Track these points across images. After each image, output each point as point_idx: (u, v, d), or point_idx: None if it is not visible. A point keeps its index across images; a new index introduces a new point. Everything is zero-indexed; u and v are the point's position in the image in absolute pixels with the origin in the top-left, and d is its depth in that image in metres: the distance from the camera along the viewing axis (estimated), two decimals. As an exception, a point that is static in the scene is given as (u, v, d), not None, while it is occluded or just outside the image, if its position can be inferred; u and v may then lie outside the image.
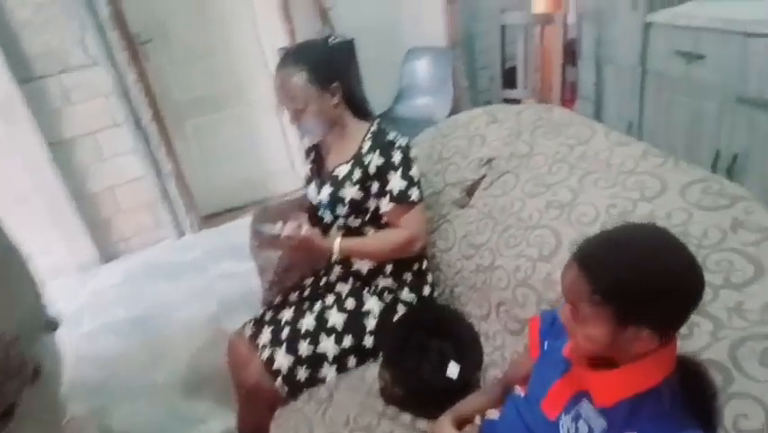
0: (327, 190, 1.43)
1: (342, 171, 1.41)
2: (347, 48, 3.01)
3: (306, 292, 1.58)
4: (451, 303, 1.48)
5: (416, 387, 1.30)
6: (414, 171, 1.39)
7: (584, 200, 1.21)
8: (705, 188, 1.05)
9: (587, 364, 0.84)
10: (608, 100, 2.60)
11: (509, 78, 2.85)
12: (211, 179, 3.37)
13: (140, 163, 2.96)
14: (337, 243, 1.39)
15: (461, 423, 1.10)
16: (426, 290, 1.50)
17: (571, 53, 2.78)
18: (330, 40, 1.42)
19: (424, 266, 1.51)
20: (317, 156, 1.54)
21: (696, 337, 0.87)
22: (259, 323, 1.52)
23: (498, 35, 2.72)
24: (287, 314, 1.48)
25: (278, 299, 1.59)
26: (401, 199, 1.37)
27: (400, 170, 1.37)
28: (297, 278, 1.68)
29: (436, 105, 2.99)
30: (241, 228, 3.25)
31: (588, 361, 0.84)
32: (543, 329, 1.01)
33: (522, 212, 1.31)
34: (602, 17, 2.46)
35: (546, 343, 0.99)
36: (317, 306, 1.47)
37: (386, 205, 1.38)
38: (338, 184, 1.41)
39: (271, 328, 1.45)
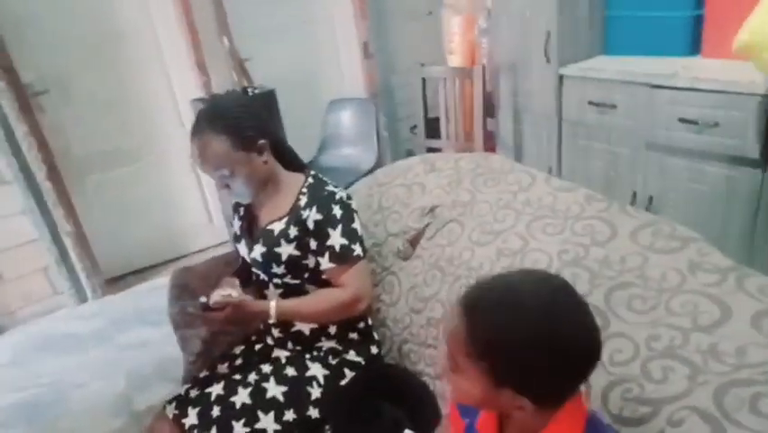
0: (260, 249, 1.31)
1: (276, 228, 1.31)
2: (268, 98, 2.93)
3: (238, 362, 1.42)
4: (400, 362, 1.39)
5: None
6: (356, 225, 1.31)
7: (535, 247, 1.18)
8: (655, 231, 1.06)
9: None
10: (528, 147, 2.71)
11: (432, 128, 2.90)
12: (116, 238, 3.09)
13: (32, 224, 2.65)
14: (273, 306, 1.26)
15: None
16: (374, 350, 1.40)
17: (489, 105, 2.89)
18: (249, 90, 1.33)
19: (369, 323, 1.41)
20: (247, 211, 1.42)
21: (672, 383, 0.84)
22: (183, 401, 1.33)
23: (420, 87, 2.77)
24: (216, 389, 1.31)
25: (203, 373, 1.42)
26: (343, 257, 1.28)
27: (340, 225, 1.28)
28: (226, 345, 1.51)
29: (361, 155, 2.97)
30: (152, 290, 2.99)
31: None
32: (462, 411, 0.93)
33: (471, 261, 1.26)
34: (517, 70, 2.58)
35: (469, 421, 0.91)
36: (252, 377, 1.31)
37: (326, 263, 1.28)
38: (272, 241, 1.30)
39: (199, 408, 1.27)
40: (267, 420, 1.24)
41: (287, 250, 1.29)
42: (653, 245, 1.04)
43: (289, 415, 1.25)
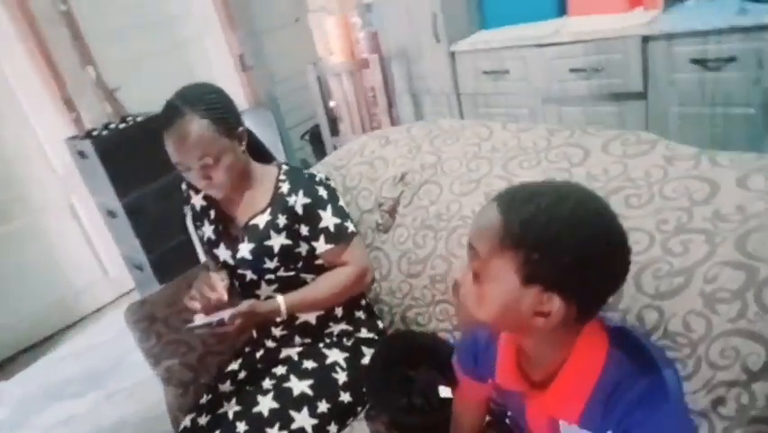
0: (248, 246, 1.25)
1: (261, 221, 1.25)
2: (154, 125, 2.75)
3: (241, 376, 1.33)
4: (407, 329, 1.40)
5: (419, 423, 1.18)
6: (341, 202, 1.31)
7: (520, 181, 1.27)
8: (624, 141, 1.21)
9: (529, 387, 0.80)
10: (430, 128, 2.85)
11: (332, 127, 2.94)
12: (-5, 316, 2.69)
13: None
14: (282, 301, 1.22)
15: None
16: (381, 325, 1.40)
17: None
18: (129, 120, 1.26)
19: (368, 300, 1.41)
20: (217, 213, 1.34)
21: (694, 251, 0.96)
22: (193, 432, 1.22)
23: (316, 87, 2.79)
24: (230, 407, 1.22)
25: (204, 398, 1.31)
26: (339, 236, 1.27)
27: (330, 205, 1.27)
28: (215, 366, 1.41)
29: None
30: (59, 361, 2.64)
31: (526, 379, 0.80)
32: (467, 367, 0.95)
33: (462, 210, 1.32)
34: (409, 55, 2.72)
35: (479, 367, 0.93)
36: (267, 383, 1.24)
37: (322, 246, 1.26)
38: (260, 235, 1.25)
39: (219, 431, 1.18)
40: (302, 418, 1.18)
41: (278, 241, 1.24)
42: (627, 152, 1.18)
43: (323, 406, 1.21)
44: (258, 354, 1.36)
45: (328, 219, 1.26)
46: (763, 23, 1.77)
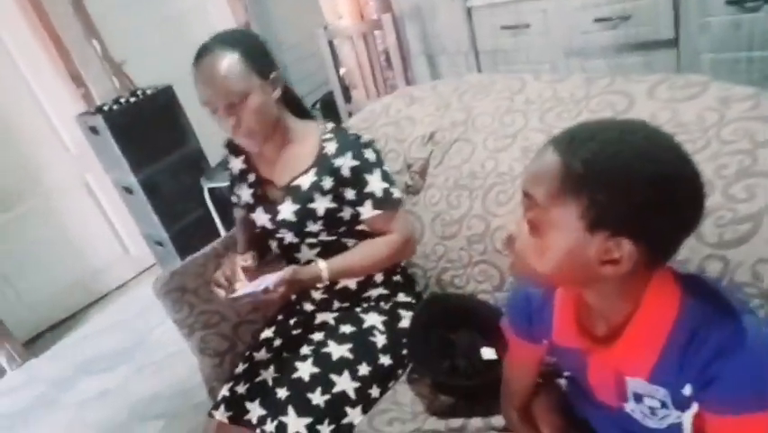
0: (292, 207, 1.19)
1: (305, 182, 1.19)
2: (167, 97, 2.68)
3: (277, 343, 1.30)
4: (444, 292, 1.36)
5: (464, 385, 1.14)
6: (387, 167, 1.24)
7: (561, 134, 1.20)
8: (671, 85, 1.13)
9: (591, 343, 0.74)
10: (447, 89, 2.76)
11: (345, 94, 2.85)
12: (19, 297, 2.69)
13: None
14: (324, 267, 1.16)
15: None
16: (418, 288, 1.36)
17: (390, 59, 2.89)
18: (138, 93, 1.21)
19: (405, 264, 1.36)
20: (257, 177, 1.28)
21: (761, 195, 0.90)
22: (232, 401, 1.19)
23: (328, 52, 2.69)
24: (268, 374, 1.19)
25: (240, 368, 1.28)
26: (387, 202, 1.19)
27: (378, 169, 1.20)
28: (250, 335, 1.38)
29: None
30: (85, 339, 2.64)
31: (588, 335, 0.75)
32: (520, 327, 0.89)
33: (499, 167, 1.26)
34: (423, 14, 2.60)
35: (533, 327, 0.86)
36: (306, 349, 1.21)
37: (369, 211, 1.19)
38: (305, 197, 1.19)
39: (259, 399, 1.15)
40: (344, 381, 1.15)
41: (323, 204, 1.19)
42: (675, 96, 1.11)
43: (364, 369, 1.17)
44: (292, 321, 1.33)
45: (375, 184, 1.19)
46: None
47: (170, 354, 2.34)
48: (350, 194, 1.19)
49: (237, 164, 1.33)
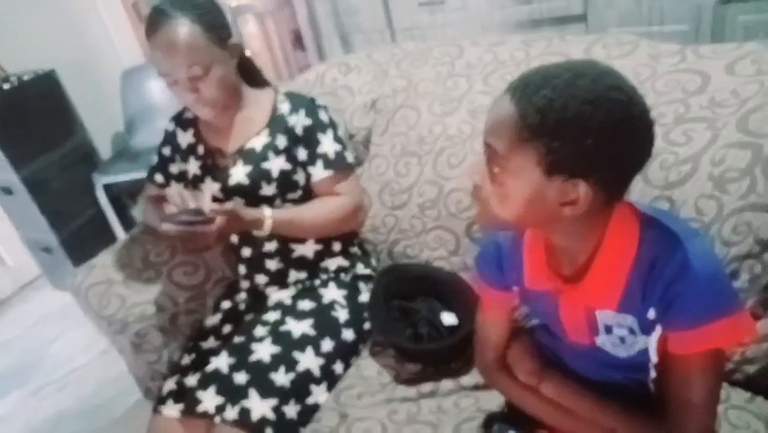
0: (243, 170, 1.18)
1: (258, 143, 1.19)
2: (48, 83, 2.46)
3: (226, 330, 1.26)
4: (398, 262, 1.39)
5: (429, 349, 1.18)
6: (342, 132, 1.27)
7: (506, 95, 1.28)
8: (605, 45, 1.25)
9: (560, 281, 0.81)
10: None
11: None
12: None
13: None
14: (269, 215, 1.15)
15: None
16: (374, 261, 1.38)
17: (299, 38, 2.88)
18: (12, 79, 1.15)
19: (362, 237, 1.39)
20: (207, 149, 1.25)
21: (697, 138, 1.02)
22: (181, 393, 1.15)
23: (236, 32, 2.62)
24: (221, 361, 1.15)
25: (187, 359, 1.23)
26: (339, 164, 1.22)
27: (331, 130, 1.23)
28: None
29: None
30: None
31: (557, 276, 0.81)
32: (491, 277, 0.94)
33: (448, 130, 1.31)
34: (335, -10, 2.62)
35: (504, 275, 0.92)
36: (260, 331, 1.19)
37: (321, 172, 1.21)
38: (258, 157, 1.19)
39: (215, 386, 1.11)
40: (307, 358, 1.14)
41: (277, 164, 1.19)
42: (611, 54, 1.22)
43: (327, 345, 1.18)
44: (242, 306, 1.29)
45: (328, 144, 1.22)
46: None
47: (72, 369, 2.17)
48: (302, 154, 1.20)
49: (186, 138, 1.30)
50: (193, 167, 1.26)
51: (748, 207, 0.95)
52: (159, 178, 1.35)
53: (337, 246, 1.31)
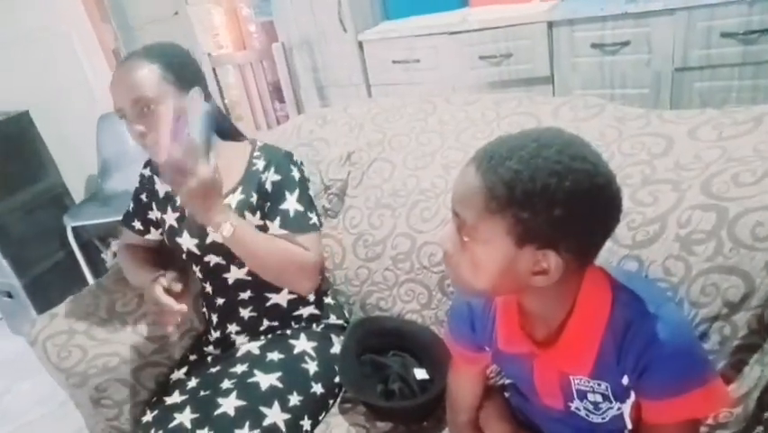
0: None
1: (233, 200, 1.16)
2: (21, 124, 2.40)
3: (190, 385, 1.19)
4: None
5: (401, 407, 1.13)
6: (312, 192, 1.25)
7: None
8: (573, 106, 1.27)
9: (534, 345, 0.79)
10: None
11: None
12: None
13: None
14: (234, 218, 1.08)
15: None
16: (346, 313, 1.34)
17: (277, 90, 2.89)
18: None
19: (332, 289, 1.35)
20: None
21: (663, 199, 1.03)
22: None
23: (214, 81, 2.62)
24: (184, 417, 1.08)
25: (148, 417, 1.15)
26: (297, 224, 1.17)
27: (298, 190, 1.19)
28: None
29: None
30: None
31: (531, 340, 0.79)
32: (463, 337, 0.92)
33: (421, 184, 1.30)
34: (313, 46, 2.66)
35: (477, 336, 0.90)
36: (227, 384, 1.12)
37: (276, 228, 1.16)
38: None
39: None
40: (273, 413, 1.08)
41: (253, 222, 1.16)
42: (578, 116, 1.24)
43: (294, 399, 1.11)
44: (208, 358, 1.23)
45: (291, 203, 1.18)
46: (650, 9, 1.98)
47: (23, 424, 2.03)
48: (266, 207, 1.17)
49: (164, 187, 1.26)
50: (170, 218, 1.22)
51: (715, 269, 0.94)
52: (137, 224, 1.31)
53: (311, 296, 1.26)
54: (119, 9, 3.16)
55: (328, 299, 1.31)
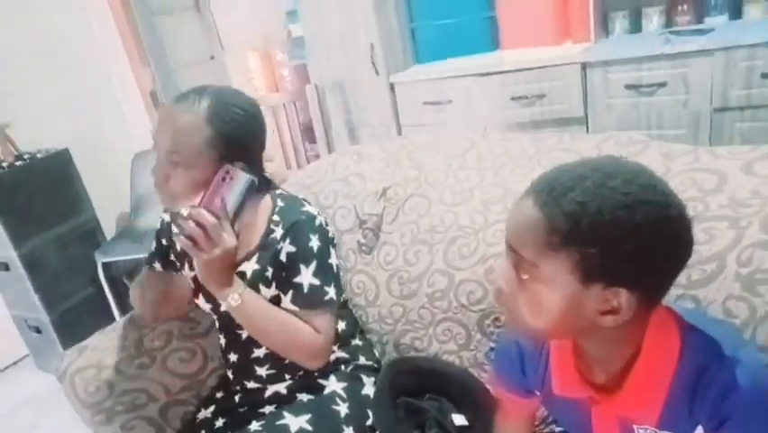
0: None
1: (248, 269, 1.09)
2: (61, 161, 2.45)
3: (219, 423, 1.14)
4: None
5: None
6: (332, 260, 1.12)
7: (519, 188, 1.24)
8: (617, 142, 1.23)
9: (593, 390, 0.72)
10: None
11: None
12: None
13: None
14: (243, 289, 1.03)
15: None
16: (377, 353, 1.28)
17: (308, 130, 2.93)
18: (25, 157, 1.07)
19: (361, 327, 1.29)
20: None
21: (720, 237, 0.97)
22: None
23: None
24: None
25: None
26: (310, 300, 1.07)
27: (315, 262, 1.08)
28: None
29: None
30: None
31: (590, 385, 0.73)
32: (511, 380, 0.86)
33: (459, 220, 1.27)
34: (345, 88, 2.69)
35: (527, 379, 0.84)
36: (256, 425, 1.07)
37: (287, 303, 1.08)
38: (248, 285, 1.07)
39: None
40: None
41: (267, 294, 1.09)
42: (622, 152, 1.19)
43: None
44: (237, 397, 1.18)
45: (306, 276, 1.07)
46: (685, 50, 1.96)
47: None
48: (282, 278, 1.09)
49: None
50: (187, 274, 1.17)
51: (783, 311, 0.88)
52: (157, 266, 1.23)
53: (335, 346, 1.19)
54: (158, 52, 3.27)
55: (356, 340, 1.26)
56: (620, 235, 0.58)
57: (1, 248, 2.29)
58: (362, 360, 1.23)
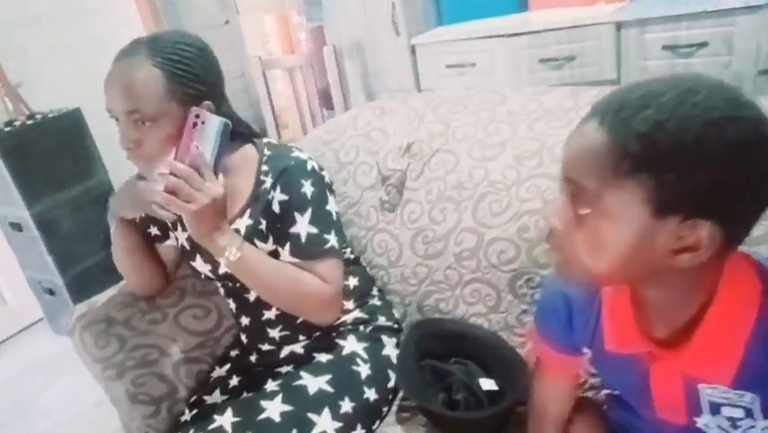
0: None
1: (242, 225, 1.02)
2: (73, 120, 2.39)
3: (233, 382, 1.09)
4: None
5: (469, 419, 1.00)
6: (330, 206, 1.06)
7: (556, 141, 1.16)
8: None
9: (652, 344, 0.64)
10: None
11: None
12: None
13: None
14: (240, 245, 0.95)
15: None
16: (397, 313, 1.22)
17: (325, 96, 2.84)
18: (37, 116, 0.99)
19: (379, 287, 1.23)
20: None
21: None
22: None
23: (263, 86, 2.57)
24: (225, 419, 0.96)
25: (186, 415, 1.05)
26: (309, 250, 1.01)
27: (310, 208, 1.01)
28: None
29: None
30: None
31: (649, 338, 0.64)
32: (555, 336, 0.78)
33: (490, 175, 1.19)
34: (365, 49, 2.60)
35: (574, 334, 0.76)
36: (272, 386, 1.01)
37: (286, 256, 1.02)
38: None
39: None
40: (324, 421, 0.96)
41: (265, 249, 1.02)
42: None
43: (346, 405, 0.99)
44: (252, 357, 1.12)
45: (302, 225, 1.01)
46: (732, 6, 1.84)
47: (57, 423, 1.96)
48: (277, 230, 1.02)
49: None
50: (181, 237, 1.11)
51: None
52: (153, 230, 1.18)
53: (351, 304, 1.14)
54: (173, 17, 3.19)
55: (374, 300, 1.19)
56: (707, 158, 0.49)
57: (14, 207, 2.25)
58: (382, 320, 1.16)
